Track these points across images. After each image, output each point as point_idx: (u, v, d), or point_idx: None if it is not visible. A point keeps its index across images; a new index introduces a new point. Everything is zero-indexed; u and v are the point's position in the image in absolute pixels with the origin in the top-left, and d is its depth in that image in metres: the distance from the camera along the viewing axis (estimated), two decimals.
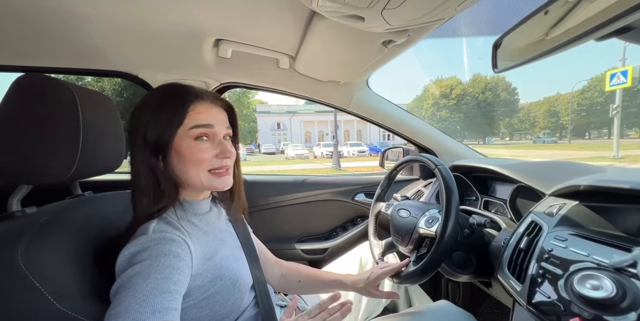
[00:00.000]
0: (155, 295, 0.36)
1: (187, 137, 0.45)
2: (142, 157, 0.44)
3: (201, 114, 0.45)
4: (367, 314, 0.76)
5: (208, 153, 0.46)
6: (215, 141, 0.47)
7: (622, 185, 0.44)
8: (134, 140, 0.45)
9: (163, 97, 0.46)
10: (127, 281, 0.37)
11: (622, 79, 9.59)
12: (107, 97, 0.57)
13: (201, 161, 0.45)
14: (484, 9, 1.10)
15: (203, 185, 0.47)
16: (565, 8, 0.31)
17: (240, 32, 0.74)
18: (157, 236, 0.41)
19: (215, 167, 0.47)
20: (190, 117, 0.45)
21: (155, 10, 0.62)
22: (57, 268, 0.38)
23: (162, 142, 0.44)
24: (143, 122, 0.44)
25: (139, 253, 0.39)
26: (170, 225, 0.44)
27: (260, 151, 24.69)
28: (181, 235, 0.44)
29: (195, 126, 0.45)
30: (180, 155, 0.45)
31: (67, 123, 0.44)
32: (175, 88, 0.47)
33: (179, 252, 0.41)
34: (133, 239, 0.41)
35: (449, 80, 32.30)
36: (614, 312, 0.34)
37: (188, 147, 0.45)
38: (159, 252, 0.39)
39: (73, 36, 0.73)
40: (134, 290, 0.36)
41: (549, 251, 0.44)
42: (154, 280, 0.37)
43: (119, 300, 0.35)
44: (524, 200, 0.69)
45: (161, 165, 0.45)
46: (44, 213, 0.44)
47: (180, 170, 0.46)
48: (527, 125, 36.86)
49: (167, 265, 0.38)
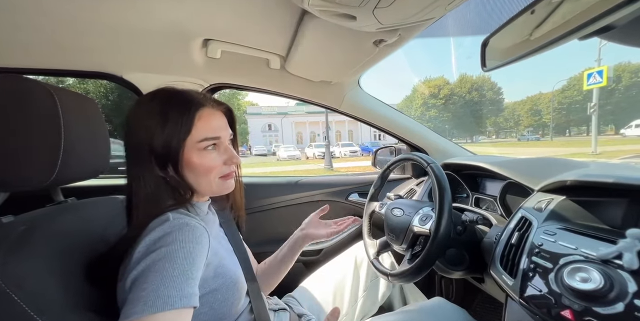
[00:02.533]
0: (182, 280, 0.36)
1: (195, 148, 0.45)
2: (147, 167, 0.43)
3: (208, 124, 0.45)
4: (363, 314, 0.76)
5: (217, 161, 0.47)
6: (222, 148, 0.48)
7: (605, 179, 0.46)
8: (134, 149, 0.44)
9: (166, 105, 0.44)
10: (151, 265, 0.36)
11: (598, 78, 10.07)
12: (91, 100, 0.55)
13: (212, 170, 0.46)
14: (473, 9, 1.13)
15: (213, 191, 0.49)
16: (550, 7, 0.32)
17: (229, 32, 0.73)
18: (180, 222, 0.41)
19: (224, 173, 0.48)
20: (197, 128, 0.44)
21: (140, 8, 0.60)
22: (37, 280, 0.36)
23: (172, 153, 0.43)
24: (145, 131, 0.43)
25: (162, 238, 0.38)
26: (186, 215, 0.44)
27: (252, 153, 24.45)
28: (201, 222, 0.43)
29: (204, 139, 0.45)
30: (191, 165, 0.45)
31: (47, 127, 0.42)
32: (177, 95, 0.46)
33: (201, 240, 0.41)
34: (150, 230, 0.39)
35: (437, 80, 33.03)
36: (602, 303, 0.35)
37: (198, 157, 0.45)
38: (184, 238, 0.39)
39: (53, 35, 0.70)
40: (162, 274, 0.35)
41: (539, 246, 0.45)
42: (180, 265, 0.37)
43: (145, 283, 0.35)
44: (513, 196, 0.70)
45: (172, 174, 0.45)
46: (23, 222, 0.41)
47: (192, 178, 0.46)
48: (512, 123, 38.09)
49: (191, 252, 0.38)
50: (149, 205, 0.43)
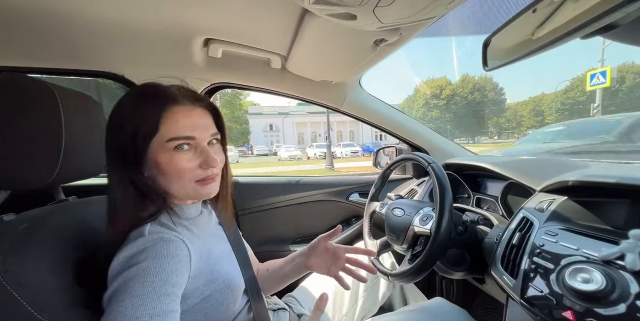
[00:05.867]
0: (153, 298, 0.34)
1: (163, 149, 0.40)
2: (118, 168, 0.41)
3: (178, 122, 0.41)
4: (364, 314, 0.76)
5: (190, 164, 0.42)
6: (198, 150, 0.43)
7: (608, 179, 0.46)
8: (108, 148, 0.42)
9: (136, 102, 0.41)
10: (123, 284, 0.35)
11: (602, 79, 10.00)
12: (92, 99, 0.55)
13: (183, 173, 0.42)
14: (474, 8, 1.12)
15: (190, 196, 0.45)
16: (552, 6, 0.32)
17: (230, 32, 0.73)
18: (155, 237, 0.39)
19: (200, 177, 0.43)
20: (166, 126, 0.40)
21: (142, 8, 0.60)
22: (38, 278, 0.36)
23: (138, 152, 0.40)
24: (117, 129, 0.41)
25: (135, 255, 0.37)
26: (165, 226, 0.43)
27: (253, 153, 24.49)
28: (179, 235, 0.42)
29: (173, 138, 0.40)
30: (159, 167, 0.41)
31: (48, 126, 0.42)
32: (148, 90, 0.43)
33: (178, 253, 0.39)
34: (127, 243, 0.39)
35: (439, 80, 32.93)
36: (604, 304, 0.34)
37: (166, 159, 0.41)
38: (157, 254, 0.37)
39: (55, 35, 0.70)
40: (130, 294, 0.34)
41: (541, 247, 0.45)
42: (151, 283, 0.35)
43: (114, 304, 0.34)
44: (514, 197, 0.70)
45: (143, 176, 0.42)
46: (24, 220, 0.41)
47: (163, 182, 0.43)
48: (513, 124, 37.93)
49: (165, 267, 0.37)
50: (123, 213, 0.41)
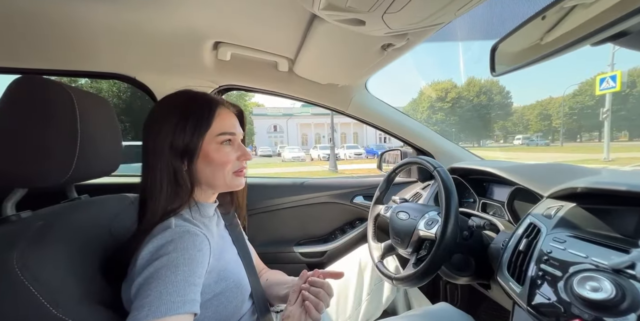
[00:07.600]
0: (185, 286, 0.37)
1: (214, 142, 0.48)
2: (166, 162, 0.46)
3: (225, 121, 0.50)
4: (367, 317, 0.75)
5: (231, 156, 0.50)
6: (236, 145, 0.52)
7: (618, 187, 0.45)
8: (155, 146, 0.46)
9: (188, 105, 0.48)
10: (154, 272, 0.38)
11: (612, 83, 9.82)
12: (105, 100, 0.57)
13: (227, 164, 0.49)
14: (482, 14, 1.12)
15: (226, 185, 0.51)
16: (561, 13, 0.32)
17: (239, 35, 0.74)
18: (181, 229, 0.42)
19: (237, 168, 0.51)
20: (216, 123, 0.48)
21: (154, 12, 0.62)
22: (53, 273, 0.37)
23: (192, 146, 0.46)
24: (168, 128, 0.46)
25: (164, 246, 0.40)
26: (188, 221, 0.46)
27: (257, 154, 24.62)
28: (202, 230, 0.45)
29: (222, 133, 0.49)
30: (209, 158, 0.48)
31: (65, 126, 0.44)
32: (198, 95, 0.50)
33: (202, 247, 0.42)
34: (155, 235, 0.41)
35: (444, 83, 32.70)
36: (613, 313, 0.34)
37: (215, 151, 0.48)
38: (185, 245, 0.40)
39: (70, 38, 0.72)
40: (164, 281, 0.37)
41: (548, 253, 0.45)
42: (182, 272, 0.38)
43: (148, 290, 0.36)
44: (521, 202, 0.69)
45: (184, 168, 0.47)
46: (40, 218, 0.43)
47: (208, 172, 0.49)
48: (520, 128, 37.43)
49: (192, 258, 0.40)
50: (156, 205, 0.44)
